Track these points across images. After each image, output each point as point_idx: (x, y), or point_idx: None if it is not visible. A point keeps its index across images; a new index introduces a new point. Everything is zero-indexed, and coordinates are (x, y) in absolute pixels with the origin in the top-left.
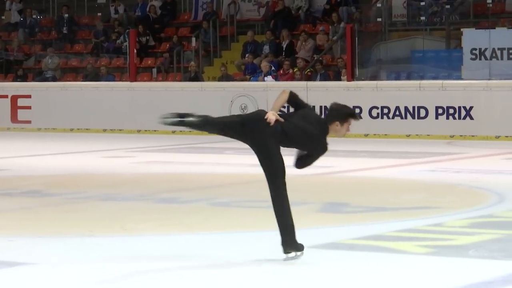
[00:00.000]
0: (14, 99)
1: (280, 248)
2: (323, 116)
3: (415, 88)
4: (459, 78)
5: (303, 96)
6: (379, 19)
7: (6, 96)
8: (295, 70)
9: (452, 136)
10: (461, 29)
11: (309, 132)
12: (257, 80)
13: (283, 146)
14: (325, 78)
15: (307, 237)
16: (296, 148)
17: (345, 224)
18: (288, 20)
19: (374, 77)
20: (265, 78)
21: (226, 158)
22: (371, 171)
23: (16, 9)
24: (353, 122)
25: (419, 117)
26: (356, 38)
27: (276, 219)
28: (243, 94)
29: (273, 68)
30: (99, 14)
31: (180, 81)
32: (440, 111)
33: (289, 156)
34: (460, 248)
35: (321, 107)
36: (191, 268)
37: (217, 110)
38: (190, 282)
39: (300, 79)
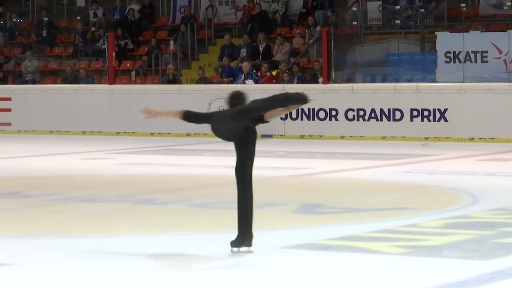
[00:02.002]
0: None
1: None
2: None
3: (390, 91)
4: (434, 80)
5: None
6: (354, 23)
7: None
8: (273, 72)
9: (426, 138)
10: (436, 33)
11: None
12: (237, 83)
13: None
14: (302, 81)
15: (284, 238)
16: None
17: (321, 225)
18: (265, 23)
19: (349, 80)
20: (246, 81)
21: (204, 160)
22: (347, 172)
23: None
24: None
25: (394, 119)
26: (332, 42)
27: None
28: (221, 97)
29: (254, 70)
30: (78, 17)
31: (159, 83)
32: (415, 113)
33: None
34: (435, 248)
35: (297, 109)
36: (169, 268)
37: None
38: (167, 282)
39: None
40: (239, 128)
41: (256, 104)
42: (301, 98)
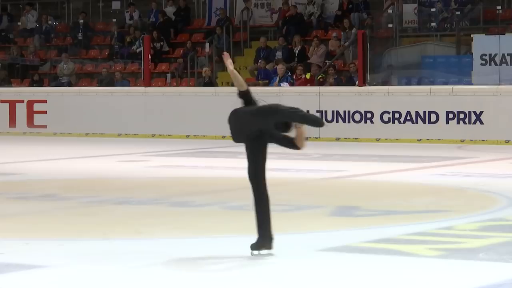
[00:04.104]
0: (30, 104)
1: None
2: None
3: (426, 93)
4: (469, 83)
5: (315, 101)
6: (390, 25)
7: (22, 101)
8: (307, 75)
9: (462, 141)
10: (471, 35)
11: None
12: (273, 85)
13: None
14: (337, 83)
15: (319, 240)
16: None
17: (357, 228)
18: (300, 26)
19: (385, 82)
20: (281, 84)
21: (239, 162)
22: (383, 175)
23: (32, 15)
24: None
25: (429, 122)
26: (368, 44)
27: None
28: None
29: (289, 73)
30: (114, 20)
31: (194, 86)
32: (450, 115)
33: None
34: (470, 251)
35: (333, 111)
36: (204, 271)
37: None
38: (202, 284)
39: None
40: (259, 126)
41: (282, 108)
42: (317, 121)
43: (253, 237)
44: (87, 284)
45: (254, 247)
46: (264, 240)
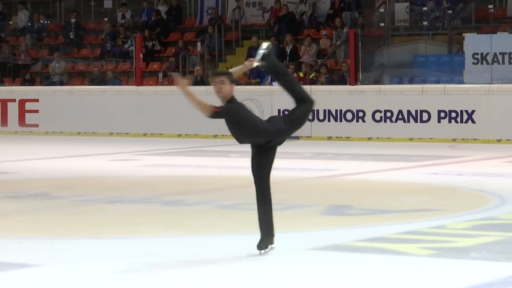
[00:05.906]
0: (22, 103)
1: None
2: None
3: (418, 92)
4: (461, 82)
5: None
6: (382, 24)
7: (14, 100)
8: (300, 74)
9: (454, 140)
10: (463, 34)
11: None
12: (265, 84)
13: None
14: (329, 82)
15: (311, 239)
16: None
17: (348, 227)
18: (292, 25)
19: (377, 81)
20: (273, 83)
21: (231, 161)
22: (374, 174)
23: (24, 14)
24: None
25: (421, 121)
26: (359, 43)
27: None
28: (248, 98)
29: None
30: (106, 19)
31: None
32: (442, 114)
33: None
34: (462, 250)
35: (325, 110)
36: (196, 270)
37: None
38: (195, 284)
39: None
40: None
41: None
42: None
43: (245, 236)
44: (79, 283)
45: (260, 246)
46: (268, 238)
